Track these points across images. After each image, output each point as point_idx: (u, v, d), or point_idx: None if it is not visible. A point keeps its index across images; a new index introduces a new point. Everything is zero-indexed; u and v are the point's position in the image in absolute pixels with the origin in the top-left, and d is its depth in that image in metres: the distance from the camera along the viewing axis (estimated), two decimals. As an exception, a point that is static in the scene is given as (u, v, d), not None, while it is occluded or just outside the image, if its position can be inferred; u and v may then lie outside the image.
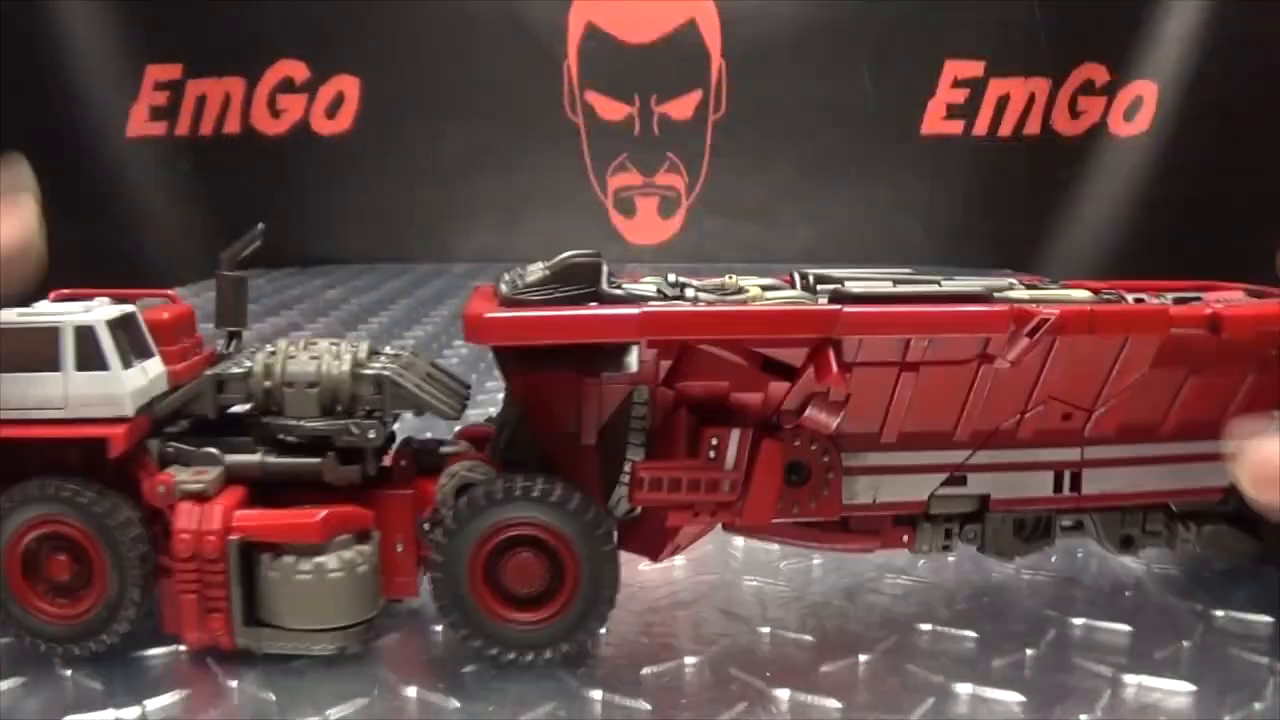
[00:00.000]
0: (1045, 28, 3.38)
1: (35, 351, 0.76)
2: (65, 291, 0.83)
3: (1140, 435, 0.85)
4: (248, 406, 0.82)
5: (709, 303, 0.78)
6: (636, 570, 0.97)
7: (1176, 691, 0.76)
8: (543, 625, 0.78)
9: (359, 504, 0.80)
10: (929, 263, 3.51)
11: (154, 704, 0.73)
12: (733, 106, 3.51)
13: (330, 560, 0.77)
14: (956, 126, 3.52)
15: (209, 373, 0.83)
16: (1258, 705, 0.75)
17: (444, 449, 0.85)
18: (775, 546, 1.03)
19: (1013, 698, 0.75)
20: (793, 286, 0.84)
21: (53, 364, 0.76)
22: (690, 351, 0.77)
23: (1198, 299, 0.88)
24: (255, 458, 0.80)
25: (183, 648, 0.81)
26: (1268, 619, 0.87)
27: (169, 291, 0.90)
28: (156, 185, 3.34)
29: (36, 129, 2.99)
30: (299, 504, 0.78)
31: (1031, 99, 3.48)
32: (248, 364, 0.82)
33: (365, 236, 3.48)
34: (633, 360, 0.76)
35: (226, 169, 3.36)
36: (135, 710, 0.72)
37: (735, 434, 0.77)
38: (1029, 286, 0.85)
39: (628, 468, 0.79)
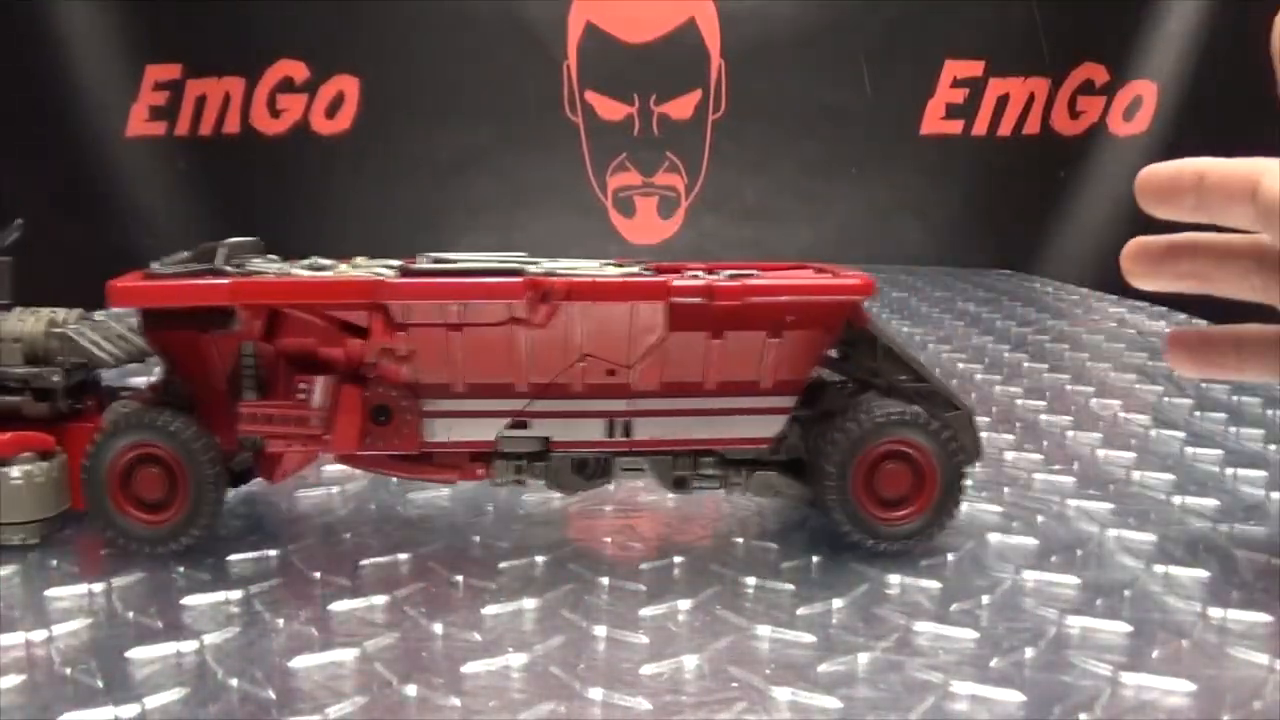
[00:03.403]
0: (1045, 28, 3.39)
1: None
2: None
3: (689, 390, 1.00)
4: None
5: (291, 274, 0.99)
6: (636, 570, 0.97)
7: (1176, 690, 0.76)
8: (162, 524, 0.97)
9: (53, 433, 1.01)
10: (929, 262, 3.52)
11: (153, 701, 0.73)
12: (732, 106, 3.52)
13: (14, 470, 0.97)
14: (956, 126, 3.52)
15: None
16: (1257, 704, 0.75)
17: (124, 393, 1.07)
18: (775, 545, 1.03)
19: (1012, 697, 0.75)
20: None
21: None
22: (286, 313, 0.97)
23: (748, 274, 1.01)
24: None
25: (182, 646, 0.81)
26: (1268, 618, 0.87)
27: None
28: (156, 185, 3.34)
29: (36, 129, 2.99)
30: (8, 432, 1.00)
31: (1031, 99, 3.49)
32: None
33: (365, 236, 3.48)
34: (235, 321, 0.96)
35: (226, 169, 3.37)
36: (135, 708, 0.72)
37: (320, 380, 0.96)
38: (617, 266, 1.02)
39: (236, 408, 0.98)
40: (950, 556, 1.00)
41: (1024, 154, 3.48)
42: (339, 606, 0.89)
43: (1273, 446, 1.38)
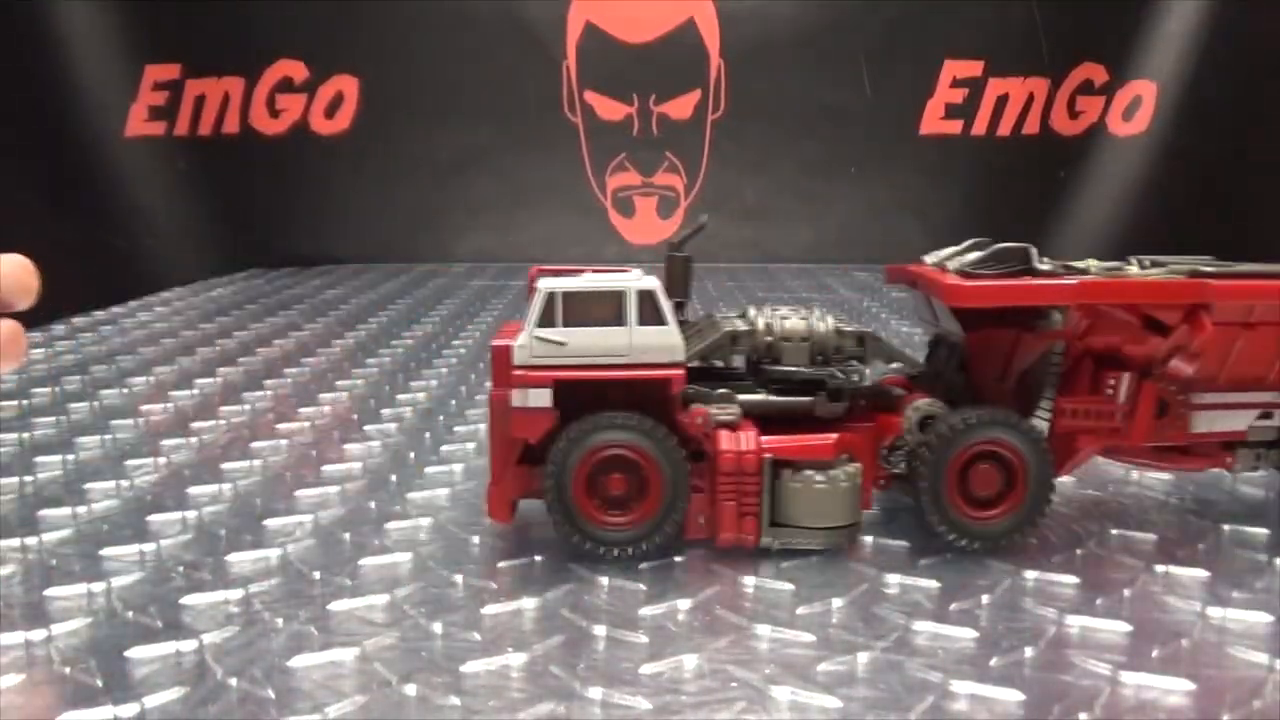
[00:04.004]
0: (1044, 28, 3.39)
1: (605, 310, 0.95)
2: (543, 268, 1.00)
3: None
4: (744, 358, 1.05)
5: (1110, 276, 1.03)
6: (636, 570, 0.97)
7: (1175, 690, 0.76)
8: (998, 519, 1.00)
9: (844, 434, 1.00)
10: (928, 263, 3.52)
11: (152, 701, 0.73)
12: (732, 106, 3.52)
13: (839, 473, 0.97)
14: (955, 126, 3.52)
15: (725, 330, 1.02)
16: (1256, 704, 0.75)
17: (892, 392, 1.06)
18: (774, 544, 1.03)
19: (1012, 696, 0.75)
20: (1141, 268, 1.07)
21: (620, 320, 0.95)
22: (1097, 312, 1.01)
23: None
24: (762, 397, 1.01)
25: (182, 646, 0.81)
26: (1267, 617, 0.87)
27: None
28: (156, 185, 3.34)
29: (37, 129, 2.99)
30: (795, 434, 0.98)
31: (1030, 99, 3.48)
32: (750, 324, 1.03)
33: (364, 236, 3.48)
34: (1057, 319, 1.00)
35: (226, 169, 3.37)
36: (134, 707, 0.72)
37: (1126, 377, 1.02)
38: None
39: (1046, 402, 1.03)
40: (950, 556, 1.00)
41: (1024, 154, 3.48)
42: (339, 606, 0.89)
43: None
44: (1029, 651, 0.82)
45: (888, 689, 0.76)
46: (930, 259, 1.09)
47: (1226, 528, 1.08)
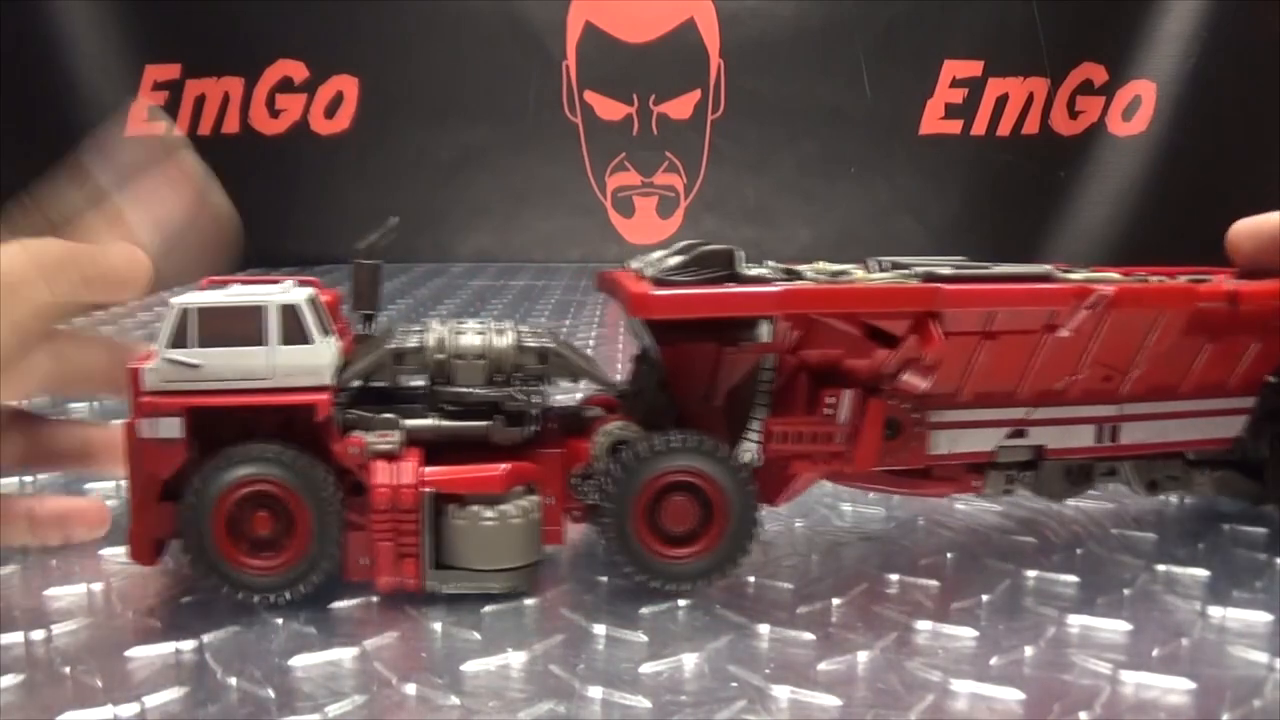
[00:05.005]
0: (1044, 28, 3.39)
1: (241, 328, 0.84)
2: (215, 279, 0.91)
3: (1166, 394, 1.00)
4: (419, 378, 0.92)
5: (826, 283, 0.91)
6: (636, 568, 0.97)
7: (1175, 689, 0.76)
8: (695, 559, 0.89)
9: (520, 462, 0.89)
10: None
11: (152, 700, 0.73)
12: (732, 106, 3.52)
13: (510, 508, 0.87)
14: (955, 126, 3.52)
15: (388, 347, 0.90)
16: (1256, 703, 0.75)
17: (586, 414, 0.96)
18: (775, 544, 1.03)
19: (1012, 695, 0.75)
20: (869, 271, 0.96)
21: (258, 339, 0.84)
22: (811, 323, 0.89)
23: (1206, 279, 1.02)
24: (431, 421, 0.89)
25: (181, 645, 0.81)
26: (1267, 616, 0.87)
27: (313, 279, 0.94)
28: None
29: (37, 129, 2.99)
30: (469, 463, 0.88)
31: (1030, 99, 3.48)
32: (420, 339, 0.91)
33: (364, 236, 3.48)
34: (764, 332, 0.88)
35: (225, 169, 3.37)
36: (134, 707, 0.72)
37: (847, 394, 0.91)
38: (1064, 271, 0.97)
39: (756, 424, 0.91)
40: (950, 556, 1.00)
41: (1024, 154, 3.48)
42: (338, 605, 0.89)
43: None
44: (1029, 651, 0.82)
45: (887, 688, 0.76)
46: (636, 263, 0.94)
47: (1226, 527, 1.08)
